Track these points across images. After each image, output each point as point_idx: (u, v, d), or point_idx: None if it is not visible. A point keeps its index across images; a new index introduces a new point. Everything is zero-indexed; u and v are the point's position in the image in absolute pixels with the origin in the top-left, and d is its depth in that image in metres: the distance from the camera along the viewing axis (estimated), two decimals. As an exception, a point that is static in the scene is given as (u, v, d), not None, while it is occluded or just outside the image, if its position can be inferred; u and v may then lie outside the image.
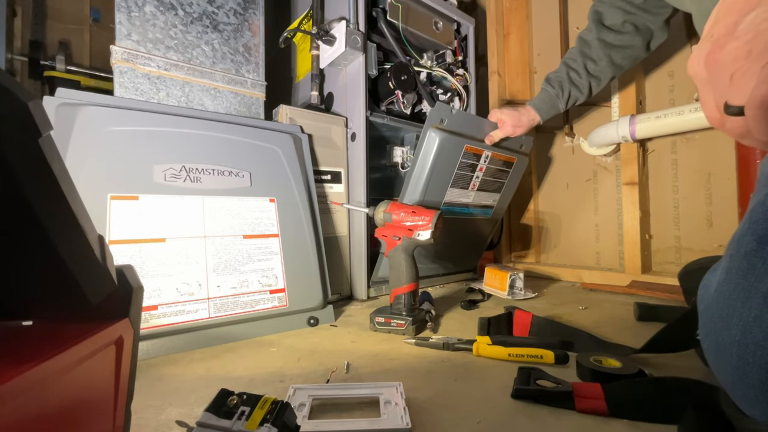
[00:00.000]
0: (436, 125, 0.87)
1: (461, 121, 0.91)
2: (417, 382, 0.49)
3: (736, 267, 0.30)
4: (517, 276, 0.96)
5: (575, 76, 0.92)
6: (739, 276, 0.29)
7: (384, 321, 0.69)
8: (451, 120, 0.89)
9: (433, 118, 0.87)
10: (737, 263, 0.30)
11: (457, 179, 0.95)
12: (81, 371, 0.22)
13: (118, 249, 0.59)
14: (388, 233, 0.73)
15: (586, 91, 0.93)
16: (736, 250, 0.31)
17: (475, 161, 0.96)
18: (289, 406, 0.31)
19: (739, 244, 0.30)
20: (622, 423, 0.39)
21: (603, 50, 0.87)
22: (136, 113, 0.66)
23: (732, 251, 0.31)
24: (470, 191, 1.00)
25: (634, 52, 0.87)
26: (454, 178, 0.94)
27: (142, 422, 0.40)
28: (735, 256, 0.31)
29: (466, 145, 0.92)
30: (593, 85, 0.92)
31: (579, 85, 0.92)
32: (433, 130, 0.87)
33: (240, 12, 0.93)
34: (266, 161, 0.78)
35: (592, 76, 0.91)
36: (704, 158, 0.99)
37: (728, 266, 0.31)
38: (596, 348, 0.58)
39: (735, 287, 0.30)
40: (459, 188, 0.97)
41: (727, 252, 0.33)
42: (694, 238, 1.02)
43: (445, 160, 0.90)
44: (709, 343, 0.32)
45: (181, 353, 0.60)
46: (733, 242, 0.32)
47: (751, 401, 0.28)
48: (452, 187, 0.95)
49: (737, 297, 0.29)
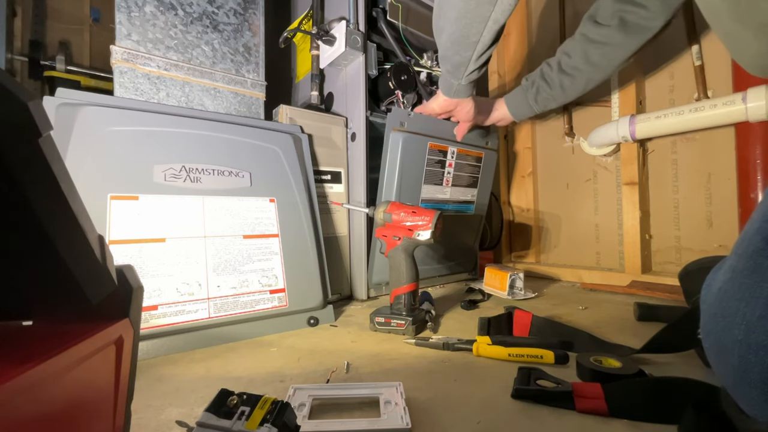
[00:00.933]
0: (397, 128, 0.92)
1: (421, 121, 0.96)
2: (417, 382, 0.49)
3: (741, 266, 0.30)
4: (517, 276, 0.96)
5: (547, 69, 0.86)
6: (744, 275, 0.29)
7: (384, 321, 0.69)
8: (411, 122, 0.95)
9: (391, 122, 0.92)
10: (744, 262, 0.30)
11: (429, 176, 0.99)
12: (81, 371, 0.22)
13: (118, 249, 0.59)
14: (388, 233, 0.73)
15: (557, 88, 0.85)
16: (744, 248, 0.30)
17: (443, 157, 1.01)
18: (289, 406, 0.31)
19: (748, 242, 0.30)
20: (622, 423, 0.39)
21: (580, 44, 0.81)
22: (136, 113, 0.66)
23: (740, 250, 0.31)
24: (445, 187, 1.04)
25: (613, 52, 0.79)
26: (425, 175, 0.99)
27: (142, 422, 0.40)
28: (742, 254, 0.30)
29: (430, 143, 0.97)
30: (565, 84, 0.85)
31: (549, 80, 0.85)
32: (394, 133, 0.92)
33: (240, 12, 0.93)
34: (266, 161, 0.78)
35: (563, 72, 0.84)
36: (704, 158, 0.99)
37: (734, 265, 0.31)
38: (596, 348, 0.58)
39: (740, 286, 0.29)
40: (433, 184, 1.01)
41: (734, 250, 0.32)
42: (694, 238, 1.02)
43: (412, 158, 0.95)
44: (711, 341, 0.32)
45: (181, 353, 0.60)
46: (742, 241, 0.31)
47: (753, 401, 0.28)
48: (426, 184, 0.99)
49: (741, 296, 0.29)
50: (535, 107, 0.89)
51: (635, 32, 0.76)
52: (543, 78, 0.86)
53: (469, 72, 0.75)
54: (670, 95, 1.04)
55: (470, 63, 0.72)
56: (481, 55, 0.71)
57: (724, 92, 0.90)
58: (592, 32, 0.79)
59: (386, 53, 1.05)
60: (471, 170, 1.09)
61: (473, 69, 0.74)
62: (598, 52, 0.79)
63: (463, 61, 0.72)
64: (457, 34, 0.67)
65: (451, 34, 0.68)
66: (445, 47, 0.72)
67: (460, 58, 0.72)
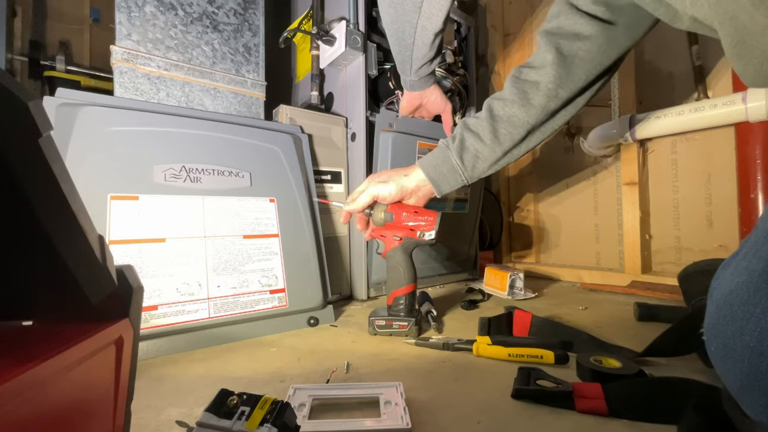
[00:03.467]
0: (386, 129, 0.96)
1: (409, 122, 0.99)
2: (417, 382, 0.49)
3: (759, 269, 0.28)
4: (517, 276, 0.96)
5: (472, 120, 0.63)
6: (763, 279, 0.28)
7: (385, 324, 0.68)
8: (399, 122, 0.98)
9: (380, 123, 0.96)
10: (761, 265, 0.28)
11: None
12: (81, 371, 0.22)
13: (118, 249, 0.59)
14: (388, 233, 0.71)
15: (487, 136, 0.60)
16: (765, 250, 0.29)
17: None
18: (289, 406, 0.31)
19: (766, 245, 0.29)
20: (622, 423, 0.39)
21: (517, 84, 0.59)
22: (136, 113, 0.66)
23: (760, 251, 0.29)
24: None
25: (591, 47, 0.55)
26: None
27: (142, 422, 0.40)
28: (761, 257, 0.29)
29: (419, 142, 1.00)
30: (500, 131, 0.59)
31: (476, 130, 0.61)
32: (384, 133, 0.96)
33: (240, 12, 0.93)
34: (266, 161, 0.78)
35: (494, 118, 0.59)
36: (704, 158, 0.99)
37: (750, 267, 0.29)
38: (596, 349, 0.58)
39: (756, 291, 0.28)
40: None
41: (749, 251, 0.31)
42: (694, 238, 1.02)
43: (403, 157, 0.97)
44: (717, 344, 0.31)
45: (181, 353, 0.60)
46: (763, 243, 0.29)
47: (761, 408, 0.27)
48: None
49: (757, 302, 0.28)
50: (461, 170, 0.63)
51: (576, 67, 0.57)
52: (467, 129, 0.62)
53: (416, 69, 0.73)
54: (670, 95, 1.04)
55: (413, 61, 0.71)
56: (423, 56, 0.69)
57: (724, 92, 0.90)
58: (525, 73, 0.60)
59: (386, 53, 1.04)
60: None
61: (419, 66, 0.72)
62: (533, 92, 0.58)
63: (406, 60, 0.71)
64: (394, 37, 0.68)
65: (390, 36, 0.70)
66: (392, 47, 0.73)
67: (403, 57, 0.72)
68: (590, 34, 0.55)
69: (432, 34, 0.64)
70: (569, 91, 0.58)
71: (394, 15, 0.64)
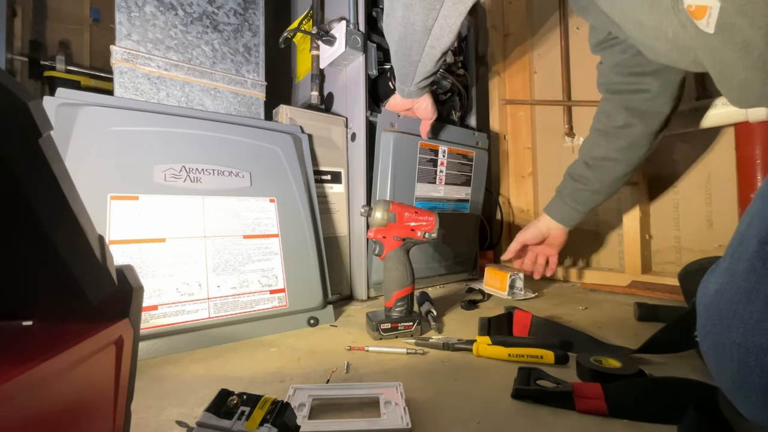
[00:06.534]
0: (387, 129, 0.95)
1: (411, 121, 0.98)
2: (417, 382, 0.49)
3: (738, 268, 0.30)
4: (517, 276, 0.96)
5: (573, 172, 0.83)
6: (742, 277, 0.29)
7: (390, 327, 0.67)
8: (400, 123, 0.97)
9: (382, 123, 0.95)
10: (740, 264, 0.30)
11: (422, 174, 1.02)
12: (81, 371, 0.22)
13: (118, 249, 0.59)
14: (389, 234, 0.70)
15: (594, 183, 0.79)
16: (741, 251, 0.30)
17: (434, 156, 1.04)
18: (289, 406, 0.31)
19: (744, 245, 0.30)
20: (622, 423, 0.39)
21: (604, 138, 0.76)
22: (136, 113, 0.66)
23: (736, 252, 0.31)
24: (439, 185, 1.07)
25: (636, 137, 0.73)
26: (418, 173, 1.01)
27: (142, 422, 0.40)
28: (738, 257, 0.30)
29: (420, 142, 1.00)
30: (602, 176, 0.78)
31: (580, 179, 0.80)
32: (385, 133, 0.95)
33: (240, 12, 0.93)
34: (266, 161, 0.78)
35: (593, 167, 0.78)
36: (704, 158, 0.99)
37: (730, 267, 0.31)
38: (596, 348, 0.58)
39: (737, 289, 0.29)
40: (426, 183, 1.04)
41: (729, 253, 0.32)
42: (694, 238, 1.02)
43: (404, 157, 0.97)
44: (709, 345, 0.32)
45: (181, 353, 0.60)
46: (738, 244, 0.31)
47: (752, 405, 0.28)
48: (420, 182, 1.02)
49: (739, 299, 0.29)
50: (578, 207, 0.83)
51: (647, 117, 0.72)
52: (573, 179, 0.82)
53: (417, 81, 0.77)
54: (670, 95, 1.04)
55: (416, 75, 0.74)
56: (427, 72, 0.73)
57: (724, 92, 0.90)
58: (604, 124, 0.77)
59: (386, 53, 1.04)
60: (463, 169, 1.12)
61: (420, 79, 0.76)
62: (621, 141, 0.75)
63: (409, 73, 0.75)
64: (400, 53, 0.70)
65: (395, 52, 0.71)
66: (393, 58, 0.75)
67: (406, 71, 0.74)
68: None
69: (440, 53, 0.67)
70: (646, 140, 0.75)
71: (402, 33, 0.65)
